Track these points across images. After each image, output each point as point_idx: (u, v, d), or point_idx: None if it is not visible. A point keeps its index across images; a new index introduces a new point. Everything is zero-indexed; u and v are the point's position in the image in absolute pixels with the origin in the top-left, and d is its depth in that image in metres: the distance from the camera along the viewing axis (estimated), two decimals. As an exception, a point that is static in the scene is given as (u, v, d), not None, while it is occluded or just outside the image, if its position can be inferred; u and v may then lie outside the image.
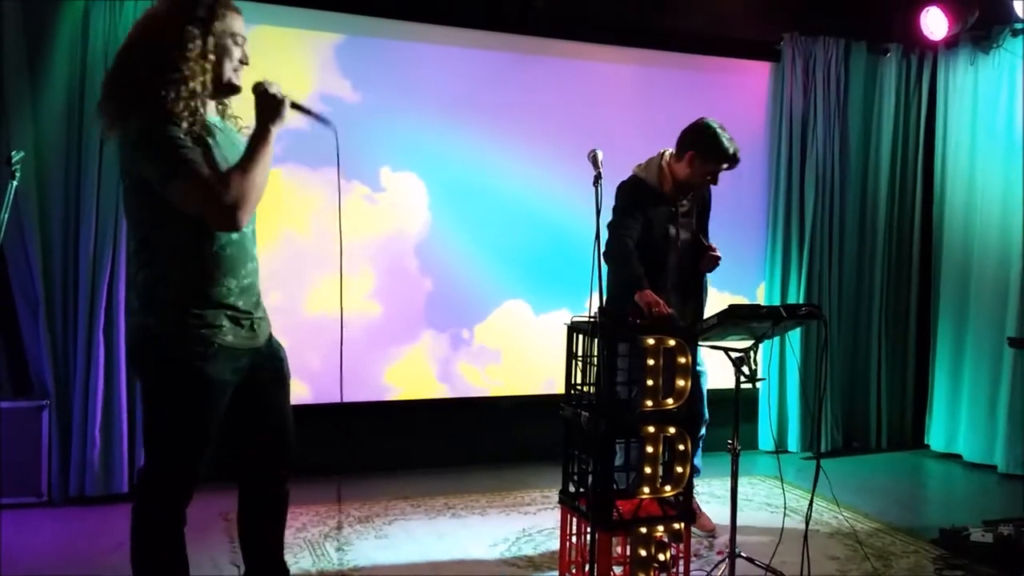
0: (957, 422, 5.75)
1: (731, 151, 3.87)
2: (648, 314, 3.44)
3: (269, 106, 2.49)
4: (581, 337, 3.25)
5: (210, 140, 2.46)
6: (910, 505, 4.80)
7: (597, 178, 3.29)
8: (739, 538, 3.57)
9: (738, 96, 5.74)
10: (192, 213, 2.39)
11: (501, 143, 5.17)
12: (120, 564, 3.57)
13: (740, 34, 5.69)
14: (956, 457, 5.71)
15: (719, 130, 3.92)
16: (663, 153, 4.00)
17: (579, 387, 3.26)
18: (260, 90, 2.50)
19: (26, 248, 4.24)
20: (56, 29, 4.25)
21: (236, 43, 2.52)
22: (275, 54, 4.75)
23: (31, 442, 4.22)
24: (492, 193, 5.17)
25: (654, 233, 3.85)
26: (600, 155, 3.34)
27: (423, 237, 5.06)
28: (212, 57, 2.45)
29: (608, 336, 3.07)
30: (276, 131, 2.49)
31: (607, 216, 3.66)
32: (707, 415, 4.04)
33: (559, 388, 3.39)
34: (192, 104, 2.41)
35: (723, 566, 3.50)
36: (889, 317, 6.00)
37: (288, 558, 3.64)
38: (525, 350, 5.25)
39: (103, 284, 4.29)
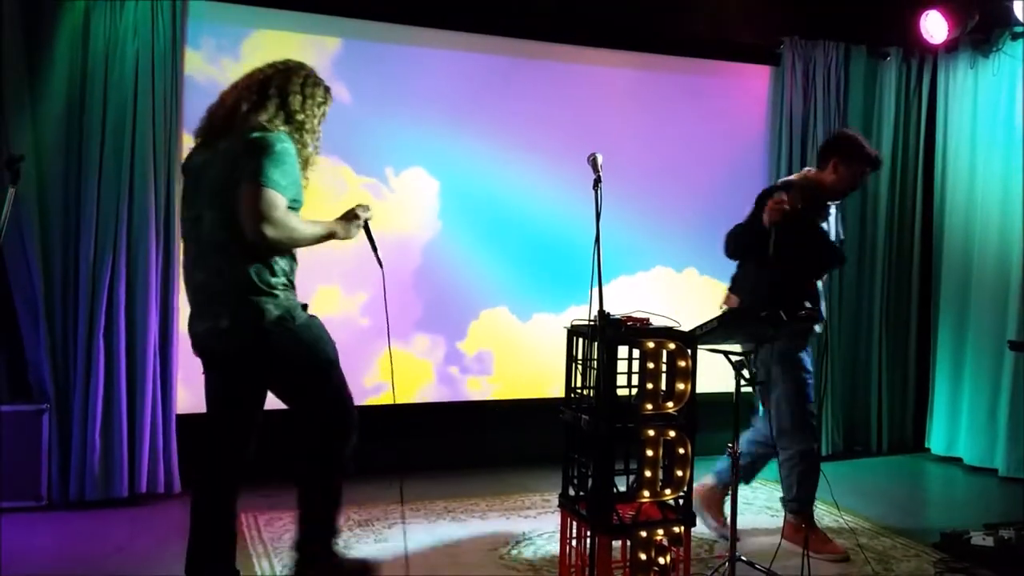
0: (958, 425, 5.75)
1: (872, 153, 4.02)
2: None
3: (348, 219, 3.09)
4: (581, 340, 3.25)
5: None
6: (911, 509, 4.80)
7: (597, 182, 3.29)
8: (739, 542, 3.57)
9: (738, 100, 5.75)
10: None
11: (500, 147, 5.17)
12: (120, 568, 3.58)
13: (740, 38, 5.69)
14: (957, 460, 5.70)
15: (859, 136, 4.10)
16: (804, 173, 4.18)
17: (579, 390, 3.25)
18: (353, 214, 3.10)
19: (26, 251, 4.24)
20: (56, 30, 4.25)
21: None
22: (274, 58, 4.74)
23: (31, 446, 4.22)
24: (491, 197, 5.17)
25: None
26: (600, 159, 3.34)
27: (422, 240, 5.05)
28: None
29: (608, 339, 3.07)
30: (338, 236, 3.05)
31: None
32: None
33: (559, 391, 3.39)
34: None
35: (723, 570, 3.50)
36: (890, 320, 6.00)
37: (287, 561, 3.65)
38: (525, 353, 5.25)
39: (103, 287, 4.29)
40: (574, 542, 3.24)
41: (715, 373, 3.81)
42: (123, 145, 4.33)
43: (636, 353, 3.15)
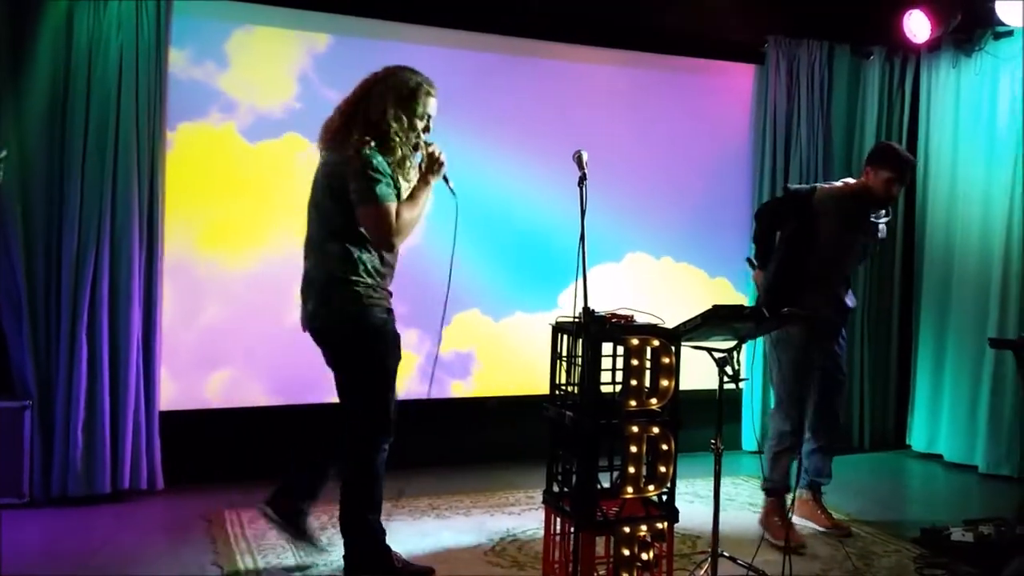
0: (938, 423, 5.79)
1: (898, 160, 4.10)
2: None
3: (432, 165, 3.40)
4: (565, 337, 3.26)
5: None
6: (891, 505, 4.83)
7: (582, 179, 3.31)
8: (722, 538, 3.59)
9: (723, 98, 5.78)
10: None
11: (486, 144, 5.17)
12: (104, 564, 3.56)
13: (725, 36, 5.72)
14: (937, 457, 5.75)
15: (894, 145, 4.40)
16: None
17: (563, 387, 3.27)
18: (429, 151, 3.38)
19: (9, 248, 4.21)
20: (40, 26, 4.22)
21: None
22: (263, 54, 4.75)
23: (13, 442, 4.19)
24: (476, 193, 5.16)
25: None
26: (585, 156, 3.35)
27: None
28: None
29: (592, 336, 3.08)
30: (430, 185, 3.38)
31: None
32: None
33: (543, 388, 3.39)
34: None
35: (705, 565, 3.52)
36: (871, 318, 6.04)
37: (271, 558, 3.65)
38: (508, 350, 5.25)
39: (86, 284, 4.27)
40: (558, 538, 3.25)
41: (698, 373, 3.85)
42: (106, 142, 4.31)
43: (620, 350, 3.16)
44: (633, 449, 3.08)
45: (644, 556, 3.11)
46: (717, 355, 3.49)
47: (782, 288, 4.03)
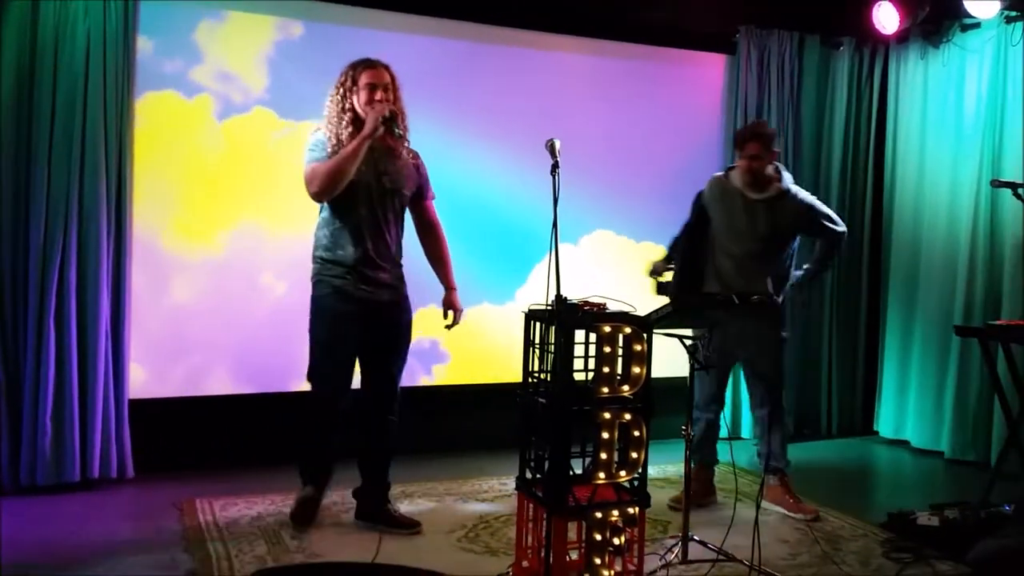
0: (905, 409, 5.88)
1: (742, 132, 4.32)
2: None
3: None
4: (538, 324, 3.27)
5: None
6: (859, 490, 4.90)
7: (555, 167, 3.31)
8: (692, 523, 3.63)
9: (694, 88, 5.80)
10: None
11: (458, 132, 5.16)
12: (74, 552, 3.54)
13: (697, 27, 5.74)
14: (904, 443, 5.84)
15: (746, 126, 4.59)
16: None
17: (536, 374, 3.28)
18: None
19: (-26, 234, 4.16)
20: (3, 10, 4.15)
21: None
22: (236, 40, 4.71)
23: (-20, 431, 4.16)
24: (448, 182, 5.15)
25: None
26: (558, 144, 3.36)
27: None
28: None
29: (564, 323, 3.10)
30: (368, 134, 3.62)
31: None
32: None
33: (515, 377, 3.41)
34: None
35: (676, 549, 3.55)
36: (840, 306, 6.11)
37: (243, 546, 3.64)
38: (479, 339, 5.26)
39: (54, 270, 4.22)
40: (531, 524, 3.27)
41: (669, 360, 3.88)
42: (74, 127, 4.26)
43: (593, 337, 3.17)
44: (605, 435, 3.10)
45: (616, 541, 3.13)
46: (687, 342, 3.53)
47: (685, 280, 4.12)
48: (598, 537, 3.10)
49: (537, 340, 3.27)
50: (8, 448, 4.23)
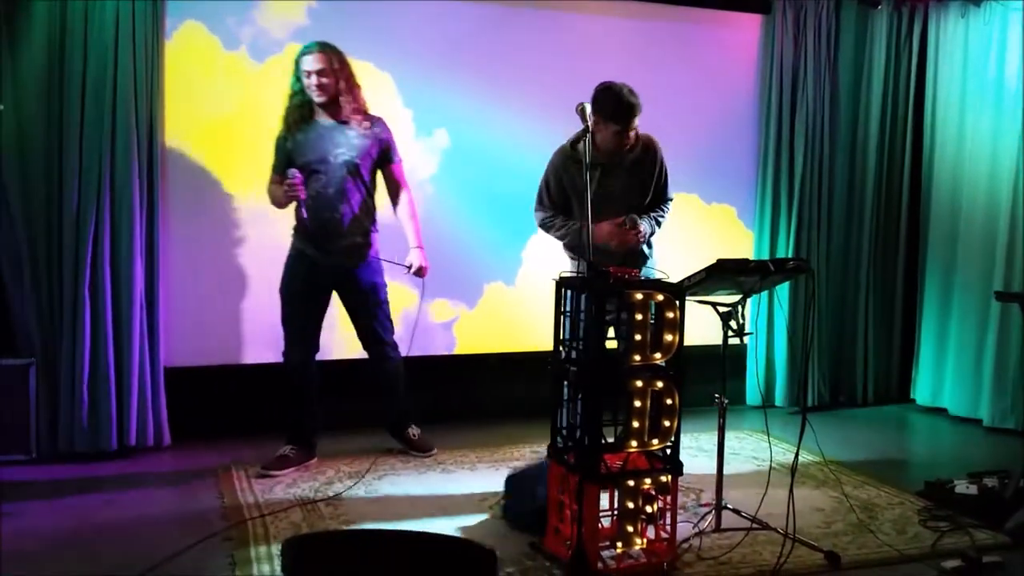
0: (943, 376, 5.79)
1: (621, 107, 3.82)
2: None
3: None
4: (569, 292, 3.24)
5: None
6: (895, 458, 4.85)
7: (585, 131, 3.27)
8: (725, 491, 3.61)
9: (729, 49, 5.69)
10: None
11: (486, 96, 5.11)
12: (112, 517, 3.59)
13: (732, -14, 5.62)
14: (942, 411, 5.76)
15: (615, 88, 3.89)
16: None
17: (568, 342, 3.25)
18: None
19: (8, 205, 4.20)
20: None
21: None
22: (257, 14, 4.68)
23: (19, 400, 4.22)
24: (477, 147, 5.13)
25: None
26: (589, 109, 3.31)
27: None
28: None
29: (596, 291, 3.07)
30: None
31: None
32: None
33: (547, 345, 3.38)
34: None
35: (710, 517, 3.54)
36: (877, 271, 6.01)
37: (278, 513, 3.68)
38: (512, 306, 5.24)
39: (88, 241, 4.26)
40: (563, 493, 3.26)
41: (703, 327, 3.83)
42: (104, 96, 4.27)
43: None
44: (637, 404, 3.08)
45: (648, 509, 3.12)
46: (722, 309, 3.48)
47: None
48: (630, 505, 3.10)
49: (569, 308, 3.24)
50: (46, 416, 4.29)
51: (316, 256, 4.16)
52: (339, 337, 4.69)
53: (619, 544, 3.12)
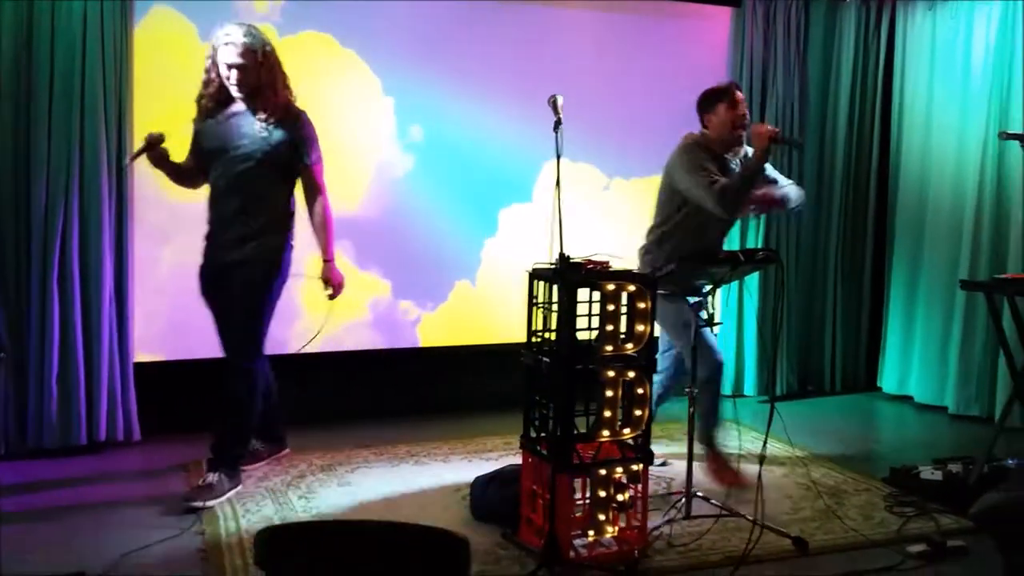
0: (909, 365, 5.87)
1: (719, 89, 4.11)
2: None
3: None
4: (542, 284, 3.26)
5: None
6: (862, 445, 4.91)
7: (557, 123, 3.28)
8: (695, 478, 3.65)
9: (699, 42, 5.72)
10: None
11: (460, 89, 5.11)
12: (82, 512, 3.57)
13: (702, -21, 5.65)
14: (908, 399, 5.84)
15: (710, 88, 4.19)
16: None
17: (540, 333, 3.27)
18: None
19: (-26, 198, 4.15)
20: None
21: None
22: (232, 2, 4.66)
23: (-14, 395, 4.17)
24: (449, 138, 5.13)
25: None
26: (560, 100, 3.33)
27: (373, 183, 5.00)
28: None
29: (568, 282, 3.08)
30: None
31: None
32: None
33: (519, 337, 3.40)
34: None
35: (680, 505, 3.58)
36: (845, 261, 6.08)
37: (250, 506, 3.67)
38: (482, 300, 5.25)
39: (56, 235, 4.21)
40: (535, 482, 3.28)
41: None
42: (72, 89, 4.22)
43: (596, 295, 3.16)
44: (609, 393, 3.11)
45: (620, 497, 3.15)
46: (692, 299, 3.52)
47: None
48: (602, 494, 3.13)
49: (541, 299, 3.26)
50: (14, 412, 4.24)
51: (207, 249, 3.94)
52: (300, 329, 4.65)
53: (591, 532, 3.16)
